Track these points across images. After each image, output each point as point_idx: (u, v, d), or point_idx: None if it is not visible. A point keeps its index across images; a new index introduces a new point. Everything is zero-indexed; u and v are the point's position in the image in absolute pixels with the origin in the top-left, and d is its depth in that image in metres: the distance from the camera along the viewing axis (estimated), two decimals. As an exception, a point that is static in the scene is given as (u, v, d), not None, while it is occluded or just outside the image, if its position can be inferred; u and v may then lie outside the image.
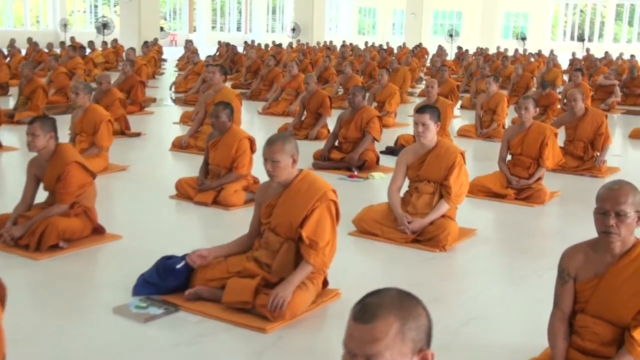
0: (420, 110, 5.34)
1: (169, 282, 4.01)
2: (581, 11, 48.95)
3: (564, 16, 49.93)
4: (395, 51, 27.02)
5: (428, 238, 5.20)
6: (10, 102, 12.60)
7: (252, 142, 6.38)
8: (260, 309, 3.76)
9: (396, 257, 5.05)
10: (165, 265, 4.05)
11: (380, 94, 11.40)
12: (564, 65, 23.22)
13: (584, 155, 8.13)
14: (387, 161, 8.37)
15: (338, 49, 27.00)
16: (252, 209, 4.25)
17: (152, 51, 21.24)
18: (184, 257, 4.07)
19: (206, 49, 32.23)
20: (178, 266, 4.04)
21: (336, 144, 8.15)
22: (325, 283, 4.14)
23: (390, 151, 8.97)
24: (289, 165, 3.93)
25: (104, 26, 27.75)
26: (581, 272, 3.13)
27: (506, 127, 9.58)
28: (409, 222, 5.24)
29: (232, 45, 23.22)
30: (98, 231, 5.16)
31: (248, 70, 17.00)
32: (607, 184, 3.07)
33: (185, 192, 6.37)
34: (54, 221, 4.77)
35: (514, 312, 4.11)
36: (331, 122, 9.15)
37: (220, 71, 8.88)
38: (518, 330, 3.83)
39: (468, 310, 4.08)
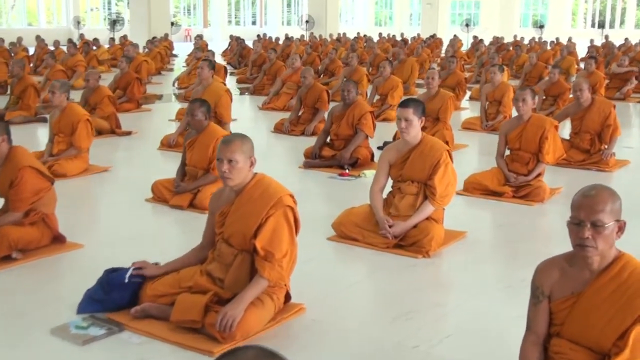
0: (403, 104, 4.95)
1: (114, 297, 3.67)
2: (603, -3, 47.98)
3: (585, 3, 48.95)
4: (410, 42, 26.53)
5: (411, 243, 4.82)
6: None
7: (230, 141, 6.01)
8: (210, 329, 3.40)
9: (375, 265, 4.67)
10: (110, 279, 3.71)
11: (383, 86, 11.00)
12: (583, 53, 22.60)
13: (591, 148, 7.68)
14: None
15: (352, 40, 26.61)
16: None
17: (160, 47, 20.95)
18: (130, 270, 3.73)
19: (221, 44, 31.97)
20: (125, 279, 3.70)
21: (328, 140, 7.77)
22: (287, 297, 3.78)
23: (384, 145, 8.56)
24: (246, 167, 3.57)
25: (114, 22, 27.56)
26: (556, 290, 2.74)
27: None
28: (390, 226, 4.86)
29: (241, 39, 22.88)
30: (58, 240, 4.83)
31: (254, 64, 16.66)
32: (583, 190, 2.67)
33: (161, 194, 6.04)
34: (5, 231, 4.45)
35: (495, 329, 3.71)
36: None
37: (208, 66, 8.54)
38: (496, 353, 3.43)
39: (443, 326, 3.70)
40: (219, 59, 25.64)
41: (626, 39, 24.11)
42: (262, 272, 3.48)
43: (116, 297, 3.67)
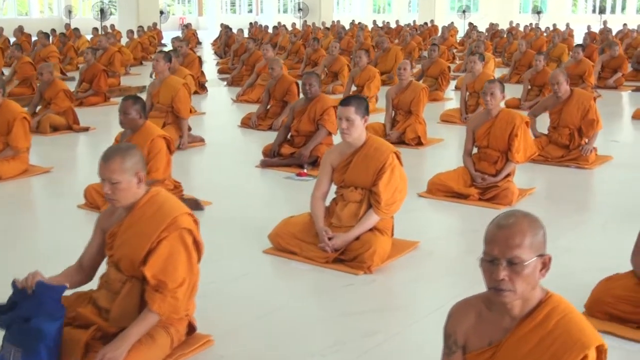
0: (343, 102, 4.43)
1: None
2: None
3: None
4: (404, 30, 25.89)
5: (352, 257, 4.31)
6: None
7: (168, 141, 5.51)
8: (89, 373, 2.91)
9: (309, 283, 4.18)
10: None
11: (359, 77, 10.47)
12: (580, 39, 21.96)
13: (570, 143, 7.14)
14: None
15: (348, 28, 26.02)
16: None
17: (144, 36, 20.43)
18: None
19: (215, 32, 31.35)
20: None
21: (289, 137, 7.26)
22: (192, 328, 3.28)
23: (356, 142, 8.03)
24: (132, 185, 3.06)
25: (102, 11, 26.99)
26: (472, 339, 2.24)
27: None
28: (330, 238, 4.36)
29: (228, 28, 22.32)
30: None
31: (235, 54, 16.12)
32: (498, 218, 2.17)
33: (93, 200, 5.54)
34: None
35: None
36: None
37: (164, 58, 8.01)
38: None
39: (367, 363, 3.20)
40: (208, 48, 25.21)
41: (624, 25, 23.49)
42: (151, 305, 2.98)
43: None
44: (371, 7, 50.92)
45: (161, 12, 27.94)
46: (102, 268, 3.31)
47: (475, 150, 6.11)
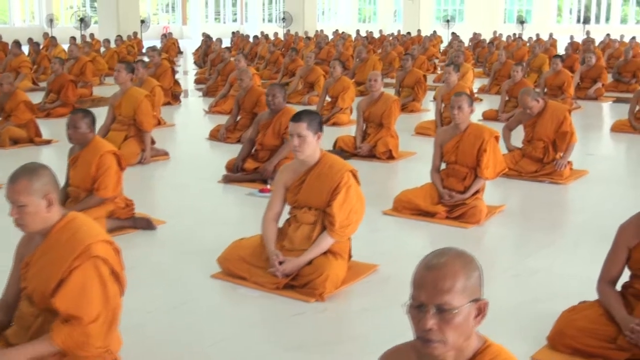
0: (295, 117, 4.17)
1: None
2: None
3: (570, -2, 48.22)
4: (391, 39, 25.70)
5: (303, 283, 4.04)
6: None
7: (118, 157, 5.22)
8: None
9: (257, 312, 3.90)
10: None
11: (333, 87, 10.22)
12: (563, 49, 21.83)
13: (544, 157, 6.91)
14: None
15: (330, 38, 25.84)
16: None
17: (121, 46, 20.12)
18: None
19: (199, 42, 31.05)
20: None
21: (253, 151, 6.99)
22: (115, 365, 2.99)
23: (326, 156, 7.78)
24: (40, 209, 2.78)
25: (82, 20, 26.69)
26: (402, 393, 1.97)
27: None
28: (280, 262, 4.09)
29: (208, 37, 22.06)
30: None
31: (212, 64, 15.85)
32: (427, 257, 1.91)
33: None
34: None
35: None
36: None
37: (126, 69, 7.72)
38: None
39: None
40: (190, 58, 24.91)
41: (607, 35, 23.40)
42: (54, 336, 2.70)
43: None
44: (356, 16, 50.81)
45: (142, 21, 27.64)
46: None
47: (443, 165, 5.86)
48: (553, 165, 6.79)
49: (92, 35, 24.19)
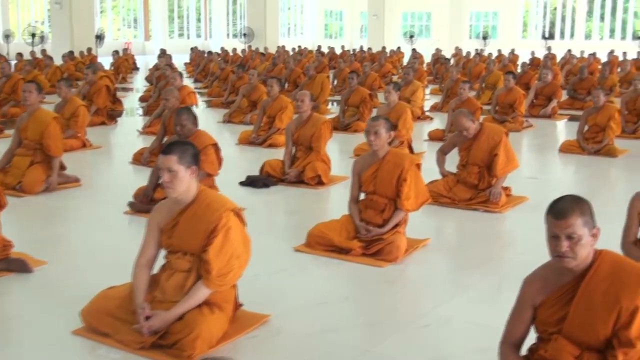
0: (165, 150, 3.61)
1: None
2: (555, 8, 47.40)
3: (535, 14, 48.39)
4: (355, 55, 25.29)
5: (172, 342, 3.47)
6: None
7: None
8: None
9: (112, 379, 3.32)
10: None
11: (271, 107, 9.68)
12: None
13: (479, 183, 6.43)
14: (238, 197, 6.65)
15: (291, 53, 25.36)
16: None
17: (70, 63, 19.44)
18: None
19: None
20: None
21: (164, 179, 6.40)
22: None
23: (250, 182, 7.25)
24: None
25: (33, 36, 25.97)
26: None
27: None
28: (148, 317, 3.51)
29: (163, 53, 21.44)
30: None
31: (157, 81, 15.23)
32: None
33: None
34: None
35: None
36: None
37: (37, 90, 7.12)
38: None
39: None
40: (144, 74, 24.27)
41: (568, 51, 23.20)
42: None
43: None
44: (323, 32, 50.51)
45: (98, 37, 26.95)
46: None
47: (363, 196, 5.33)
48: (487, 193, 6.30)
49: (44, 51, 23.45)
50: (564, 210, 2.67)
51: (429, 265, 4.90)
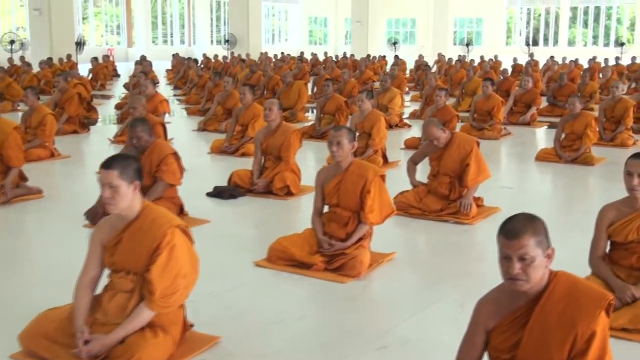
0: (105, 164, 3.42)
1: None
2: (539, 15, 47.53)
3: (520, 21, 48.52)
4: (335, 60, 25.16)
5: (111, 367, 3.28)
6: None
7: None
8: None
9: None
10: None
11: (243, 115, 9.51)
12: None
13: (450, 193, 6.27)
14: (204, 208, 6.49)
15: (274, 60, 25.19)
16: None
17: (46, 70, 19.20)
18: None
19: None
20: None
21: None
22: None
23: (217, 192, 7.06)
24: None
25: (11, 43, 25.67)
26: None
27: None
28: (87, 342, 3.32)
29: (143, 59, 21.25)
30: None
31: (133, 88, 15.04)
32: None
33: None
34: None
35: None
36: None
37: (-6, 98, 6.91)
38: None
39: None
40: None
41: (550, 58, 23.17)
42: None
43: None
44: (307, 38, 50.39)
45: (78, 43, 26.67)
46: None
47: (327, 208, 5.16)
48: (458, 204, 6.14)
49: (22, 58, 23.16)
50: (515, 230, 2.51)
51: (393, 280, 4.73)
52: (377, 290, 4.57)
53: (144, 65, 16.64)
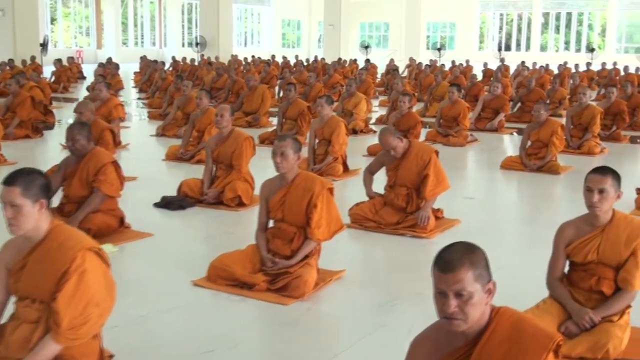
0: (7, 180, 3.06)
1: None
2: (511, 20, 47.64)
3: (492, 26, 48.61)
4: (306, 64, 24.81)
5: (9, 410, 2.91)
6: None
7: None
8: None
9: None
10: None
11: (200, 121, 9.14)
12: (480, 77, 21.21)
13: (407, 205, 5.97)
14: (149, 220, 6.13)
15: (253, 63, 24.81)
16: None
17: (7, 72, 18.65)
18: None
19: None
20: None
21: (57, 205, 5.83)
22: None
23: (165, 203, 6.69)
24: None
25: (-26, 44, 24.99)
26: None
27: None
28: (-16, 380, 2.96)
29: (109, 62, 20.76)
30: None
31: (92, 90, 14.58)
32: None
33: None
34: None
35: None
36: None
37: None
38: None
39: None
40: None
41: (522, 62, 23.05)
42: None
43: None
44: (280, 42, 50.03)
45: (43, 44, 26.08)
46: None
47: (272, 223, 4.83)
48: (415, 216, 5.84)
49: (-19, 59, 22.55)
50: (451, 262, 2.20)
51: (340, 301, 4.41)
52: (322, 312, 4.25)
53: (111, 67, 16.14)
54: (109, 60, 22.83)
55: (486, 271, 2.24)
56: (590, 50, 34.39)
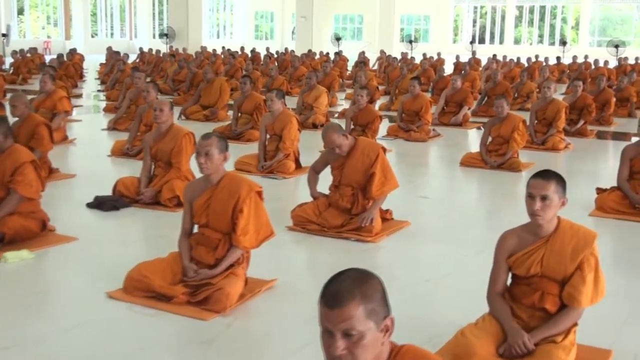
0: None
1: None
2: (485, 13, 47.45)
3: (467, 18, 48.41)
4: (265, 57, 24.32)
5: None
6: None
7: None
8: None
9: None
10: None
11: (147, 114, 8.67)
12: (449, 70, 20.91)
13: (353, 207, 5.59)
14: (77, 222, 5.70)
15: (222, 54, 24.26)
16: None
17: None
18: None
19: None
20: None
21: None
22: None
23: (97, 203, 6.26)
24: None
25: None
26: None
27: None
28: None
29: (72, 52, 20.17)
30: None
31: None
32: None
33: None
34: None
35: None
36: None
37: None
38: None
39: None
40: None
41: (493, 56, 22.78)
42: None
43: None
44: (253, 33, 49.44)
45: (4, 35, 25.38)
46: None
47: (197, 229, 4.43)
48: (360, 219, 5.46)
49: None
50: (338, 296, 1.83)
51: (266, 315, 4.02)
52: (244, 329, 3.85)
53: (73, 59, 15.57)
54: (73, 51, 22.20)
55: (382, 305, 1.87)
56: (563, 43, 34.23)
